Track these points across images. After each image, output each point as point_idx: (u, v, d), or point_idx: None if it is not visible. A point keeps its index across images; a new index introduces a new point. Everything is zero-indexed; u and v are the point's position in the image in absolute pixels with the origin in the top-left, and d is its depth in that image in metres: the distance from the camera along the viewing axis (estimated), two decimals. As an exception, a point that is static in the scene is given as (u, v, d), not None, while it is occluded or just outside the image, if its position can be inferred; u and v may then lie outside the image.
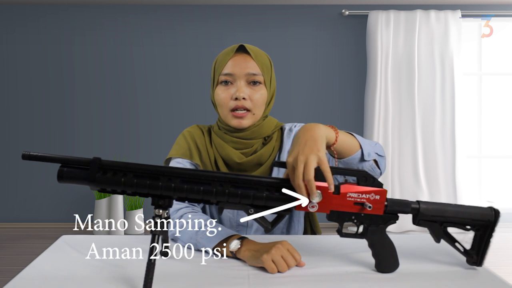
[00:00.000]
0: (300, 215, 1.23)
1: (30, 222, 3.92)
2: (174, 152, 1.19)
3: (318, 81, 3.94)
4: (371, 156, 0.98)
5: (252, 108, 1.12)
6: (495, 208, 0.88)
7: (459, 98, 3.78)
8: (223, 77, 1.12)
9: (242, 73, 1.11)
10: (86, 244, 1.02)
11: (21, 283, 0.79)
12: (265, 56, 1.15)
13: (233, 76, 1.11)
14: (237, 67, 1.11)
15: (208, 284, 0.79)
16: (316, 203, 0.82)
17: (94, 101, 3.91)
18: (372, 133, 3.78)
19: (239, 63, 1.11)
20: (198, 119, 3.93)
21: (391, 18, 3.77)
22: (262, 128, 1.16)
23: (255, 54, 1.13)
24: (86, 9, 3.89)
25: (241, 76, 1.11)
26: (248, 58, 1.12)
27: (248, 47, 1.13)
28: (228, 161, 1.15)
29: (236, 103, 1.10)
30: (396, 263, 0.87)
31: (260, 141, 1.17)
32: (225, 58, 1.13)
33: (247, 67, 1.11)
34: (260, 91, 1.12)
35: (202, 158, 1.18)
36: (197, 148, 1.19)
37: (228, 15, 3.90)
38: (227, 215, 1.18)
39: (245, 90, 1.10)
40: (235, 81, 1.12)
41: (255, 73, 1.11)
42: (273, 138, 1.19)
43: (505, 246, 3.39)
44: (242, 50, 1.13)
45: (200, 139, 1.21)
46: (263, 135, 1.17)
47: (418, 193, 3.78)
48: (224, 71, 1.12)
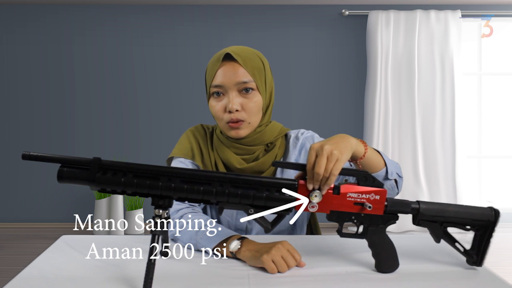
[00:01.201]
0: (304, 223, 1.22)
1: (30, 222, 3.92)
2: (176, 151, 1.18)
3: (318, 81, 3.94)
4: (393, 176, 0.99)
5: (247, 118, 1.07)
6: (495, 208, 0.88)
7: (459, 98, 3.78)
8: (213, 89, 1.08)
9: (231, 83, 1.05)
10: (86, 244, 1.02)
11: (21, 283, 0.79)
12: (256, 58, 1.09)
13: (223, 88, 1.06)
14: (226, 77, 1.05)
15: (208, 284, 0.79)
16: (316, 203, 0.82)
17: (94, 101, 3.91)
18: (372, 133, 3.78)
19: (227, 73, 1.05)
20: (198, 119, 3.93)
21: (391, 18, 3.77)
22: (264, 134, 1.13)
23: (243, 60, 1.06)
24: (86, 9, 3.89)
25: (231, 86, 1.06)
26: (236, 66, 1.05)
27: (235, 53, 1.06)
28: (228, 165, 1.13)
29: (230, 116, 1.06)
30: (396, 263, 0.87)
31: (262, 147, 1.14)
32: (213, 69, 1.08)
33: (236, 76, 1.05)
34: (253, 99, 1.07)
35: (203, 160, 1.17)
36: (199, 148, 1.18)
37: (228, 15, 3.90)
38: (225, 219, 1.17)
39: (236, 102, 1.05)
40: (227, 92, 1.07)
41: (245, 80, 1.05)
42: (276, 145, 1.15)
43: (505, 246, 3.39)
44: (229, 58, 1.06)
45: (203, 139, 1.19)
46: (265, 141, 1.13)
47: (418, 193, 3.78)
48: (214, 82, 1.07)
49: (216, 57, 1.09)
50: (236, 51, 1.07)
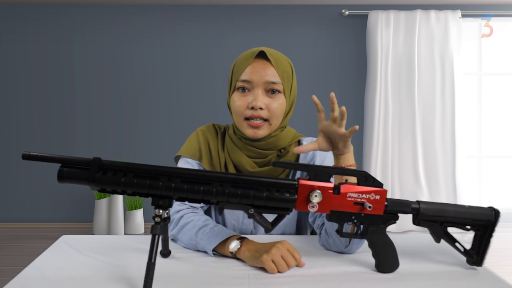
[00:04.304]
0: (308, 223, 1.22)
1: (30, 222, 3.92)
2: (184, 150, 1.16)
3: (318, 81, 3.94)
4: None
5: (270, 118, 1.06)
6: (495, 208, 0.88)
7: (459, 98, 3.78)
8: (240, 83, 1.06)
9: (260, 80, 1.05)
10: (86, 244, 1.02)
11: (21, 283, 0.79)
12: (287, 63, 1.09)
13: (251, 83, 1.05)
14: (256, 74, 1.05)
15: (208, 284, 0.79)
16: (316, 203, 0.82)
17: (94, 101, 3.91)
18: (372, 133, 3.78)
19: (258, 70, 1.05)
20: (198, 119, 3.94)
21: (391, 18, 3.77)
22: (279, 139, 1.11)
23: (275, 60, 1.06)
24: (86, 9, 3.89)
25: (259, 84, 1.05)
26: (268, 65, 1.05)
27: (269, 53, 1.06)
28: (239, 167, 1.12)
29: (252, 112, 1.05)
30: (396, 263, 0.87)
31: (275, 152, 1.12)
32: (244, 64, 1.07)
33: (266, 74, 1.05)
34: (278, 101, 1.06)
35: (212, 161, 1.15)
36: (208, 150, 1.15)
37: (228, 15, 3.90)
38: (231, 222, 1.16)
39: (262, 99, 1.05)
40: (253, 89, 1.06)
41: (274, 81, 1.05)
42: (289, 151, 1.14)
43: (505, 246, 3.39)
44: (262, 56, 1.07)
45: (213, 140, 1.16)
46: (279, 146, 1.12)
47: (418, 193, 3.78)
48: (242, 77, 1.06)
49: (249, 53, 1.08)
50: (269, 51, 1.07)
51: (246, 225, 1.16)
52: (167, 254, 0.94)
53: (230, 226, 1.17)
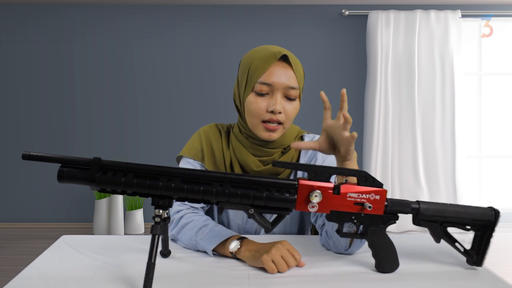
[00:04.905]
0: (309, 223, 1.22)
1: (30, 222, 3.92)
2: (186, 151, 1.16)
3: (318, 81, 3.94)
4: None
5: (285, 122, 1.06)
6: (495, 208, 0.88)
7: (459, 98, 3.78)
8: (259, 86, 1.04)
9: (281, 85, 1.03)
10: (86, 244, 1.02)
11: (21, 283, 0.79)
12: (302, 67, 1.10)
13: (271, 87, 1.04)
14: (279, 78, 1.03)
15: (208, 284, 0.79)
16: (316, 203, 0.82)
17: (94, 101, 3.91)
18: (372, 133, 3.78)
19: (280, 74, 1.03)
20: (198, 119, 3.93)
21: (391, 18, 3.77)
22: (285, 138, 1.12)
23: (295, 65, 1.05)
24: (86, 9, 3.89)
25: (279, 88, 1.04)
26: (289, 69, 1.04)
27: (291, 58, 1.05)
28: (245, 166, 1.12)
29: (270, 115, 1.04)
30: (396, 263, 0.87)
31: (280, 150, 1.14)
32: (264, 65, 1.03)
33: (288, 79, 1.04)
34: (294, 105, 1.06)
35: (216, 161, 1.15)
36: (211, 150, 1.15)
37: (228, 15, 3.90)
38: (235, 222, 1.16)
39: (282, 103, 1.04)
40: (273, 92, 1.04)
41: (294, 86, 1.04)
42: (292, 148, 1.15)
43: (505, 246, 3.39)
44: (283, 59, 1.05)
45: (216, 140, 1.16)
46: (285, 145, 1.13)
47: (418, 193, 3.78)
48: (262, 79, 1.03)
49: (270, 55, 1.04)
50: (290, 55, 1.06)
51: (251, 225, 1.16)
52: (167, 254, 0.94)
53: (235, 226, 1.17)
